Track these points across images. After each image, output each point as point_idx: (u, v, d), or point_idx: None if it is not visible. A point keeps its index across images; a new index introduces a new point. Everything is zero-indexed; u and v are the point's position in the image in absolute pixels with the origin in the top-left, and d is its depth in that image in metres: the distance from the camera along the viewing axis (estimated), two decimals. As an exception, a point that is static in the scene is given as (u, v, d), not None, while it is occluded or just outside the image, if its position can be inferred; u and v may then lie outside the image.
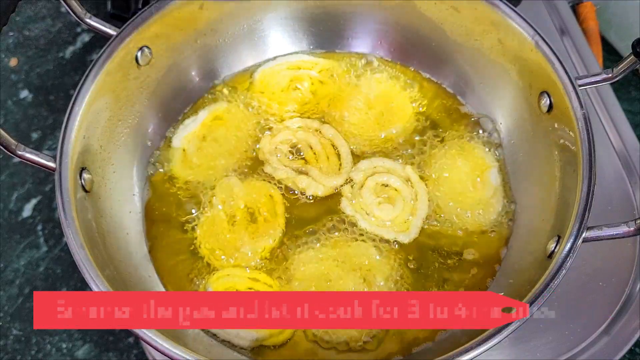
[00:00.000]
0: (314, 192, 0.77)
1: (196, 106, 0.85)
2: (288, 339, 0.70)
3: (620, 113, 0.90)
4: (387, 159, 0.79)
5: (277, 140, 0.81)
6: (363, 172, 0.78)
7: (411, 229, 0.75)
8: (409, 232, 0.75)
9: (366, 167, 0.79)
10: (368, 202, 0.76)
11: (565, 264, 0.59)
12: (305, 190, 0.77)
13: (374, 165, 0.79)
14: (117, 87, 0.73)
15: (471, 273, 0.74)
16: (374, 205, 0.76)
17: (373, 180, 0.77)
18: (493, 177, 0.78)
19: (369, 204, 0.76)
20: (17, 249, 0.89)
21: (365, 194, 0.76)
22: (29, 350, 0.82)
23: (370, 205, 0.76)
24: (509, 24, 0.72)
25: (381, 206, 0.76)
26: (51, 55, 1.05)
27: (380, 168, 0.78)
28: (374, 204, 0.76)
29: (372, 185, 0.77)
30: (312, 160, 0.80)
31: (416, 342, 0.70)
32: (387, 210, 0.76)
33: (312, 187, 0.77)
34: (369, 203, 0.76)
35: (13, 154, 0.62)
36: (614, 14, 1.04)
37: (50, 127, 0.98)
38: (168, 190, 0.79)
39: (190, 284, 0.73)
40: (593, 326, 0.75)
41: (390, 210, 0.76)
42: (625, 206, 0.83)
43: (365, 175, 0.78)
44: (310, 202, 0.78)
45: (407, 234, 0.75)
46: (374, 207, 0.76)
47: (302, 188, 0.78)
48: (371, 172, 0.78)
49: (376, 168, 0.78)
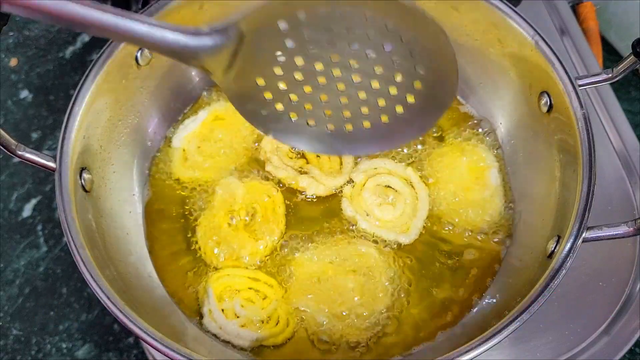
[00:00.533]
0: (315, 192, 0.77)
1: (196, 106, 0.85)
2: (288, 339, 0.70)
3: (620, 113, 0.90)
4: (388, 159, 0.79)
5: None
6: (364, 172, 0.78)
7: (411, 230, 0.75)
8: (409, 233, 0.75)
9: (367, 167, 0.79)
10: (368, 202, 0.76)
11: (565, 264, 0.59)
12: (307, 190, 0.77)
13: (374, 166, 0.79)
14: (117, 87, 0.72)
15: (471, 273, 0.74)
16: (374, 206, 0.76)
17: (374, 181, 0.77)
18: (493, 177, 0.78)
19: (369, 205, 0.76)
20: (17, 249, 0.89)
21: (365, 195, 0.76)
22: (29, 350, 0.82)
23: (370, 206, 0.76)
24: (509, 24, 0.72)
25: (382, 207, 0.76)
26: (51, 55, 1.05)
27: (382, 169, 0.78)
28: (374, 205, 0.76)
29: (373, 186, 0.77)
30: (313, 159, 0.80)
31: (416, 342, 0.70)
32: (387, 211, 0.76)
33: (313, 186, 0.77)
34: (370, 204, 0.76)
35: (13, 154, 0.62)
36: (614, 14, 1.04)
37: (50, 127, 0.98)
38: (168, 190, 0.79)
39: (190, 284, 0.73)
40: (593, 326, 0.75)
41: (390, 211, 0.76)
42: (625, 206, 0.83)
43: (366, 176, 0.78)
44: (310, 202, 0.78)
45: (408, 235, 0.75)
46: (374, 208, 0.76)
47: (303, 187, 0.78)
48: (372, 173, 0.78)
49: (377, 169, 0.78)
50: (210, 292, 0.70)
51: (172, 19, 0.75)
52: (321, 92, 0.56)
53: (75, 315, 0.84)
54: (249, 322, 0.69)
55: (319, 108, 0.57)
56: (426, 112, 0.57)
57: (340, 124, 0.58)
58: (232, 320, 0.69)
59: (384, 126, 0.58)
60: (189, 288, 0.73)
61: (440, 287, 0.73)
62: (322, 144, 0.60)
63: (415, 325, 0.71)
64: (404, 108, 0.56)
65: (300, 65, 0.54)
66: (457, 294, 0.73)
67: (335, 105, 0.57)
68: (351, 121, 0.58)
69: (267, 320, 0.69)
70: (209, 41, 0.50)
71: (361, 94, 0.56)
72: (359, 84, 0.55)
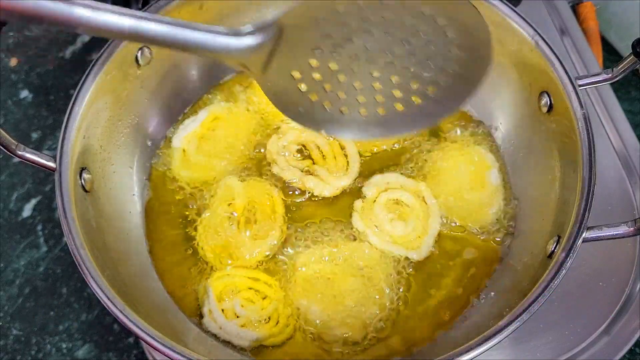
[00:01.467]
0: (321, 192, 0.77)
1: (196, 106, 0.85)
2: (288, 339, 0.70)
3: (620, 113, 0.90)
4: (401, 174, 0.78)
5: (284, 141, 0.81)
6: (376, 186, 0.77)
7: (422, 247, 0.74)
8: (420, 250, 0.74)
9: (379, 182, 0.77)
10: (380, 217, 0.75)
11: (565, 264, 0.59)
12: (313, 190, 0.77)
13: (387, 180, 0.77)
14: (117, 87, 0.72)
15: (471, 273, 0.74)
16: (385, 221, 0.75)
17: (385, 196, 0.76)
18: (493, 177, 0.78)
19: (380, 220, 0.75)
20: (17, 249, 0.89)
21: (377, 210, 0.75)
22: (29, 350, 0.82)
23: (381, 221, 0.75)
24: (509, 24, 0.72)
25: (393, 222, 0.75)
26: (51, 55, 1.05)
27: (394, 184, 0.77)
28: (385, 220, 0.75)
29: (384, 201, 0.76)
30: (320, 160, 0.80)
31: (416, 342, 0.70)
32: (398, 227, 0.75)
33: (319, 187, 0.77)
34: (381, 219, 0.75)
35: (13, 154, 0.62)
36: (614, 14, 1.04)
37: (50, 127, 0.98)
38: (168, 191, 0.79)
39: (190, 284, 0.73)
40: (593, 326, 0.75)
41: (401, 227, 0.75)
42: (625, 206, 0.83)
43: (379, 190, 0.77)
44: (311, 203, 0.78)
45: (418, 252, 0.74)
46: (385, 223, 0.75)
47: (309, 188, 0.77)
48: (384, 187, 0.77)
49: (389, 184, 0.77)
50: (210, 292, 0.70)
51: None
52: (355, 80, 0.57)
53: (75, 315, 0.84)
54: (249, 322, 0.69)
55: (353, 95, 0.58)
56: (459, 91, 0.57)
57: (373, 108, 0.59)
58: (232, 320, 0.69)
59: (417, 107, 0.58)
60: (189, 288, 0.73)
61: (440, 287, 0.73)
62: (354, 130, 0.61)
63: (415, 325, 0.71)
64: (437, 89, 0.57)
65: (336, 55, 0.55)
66: (457, 293, 0.73)
67: (369, 91, 0.58)
68: (384, 105, 0.58)
69: (267, 320, 0.69)
70: (250, 41, 0.52)
71: (394, 78, 0.56)
72: (392, 69, 0.56)
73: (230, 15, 0.82)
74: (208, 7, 0.78)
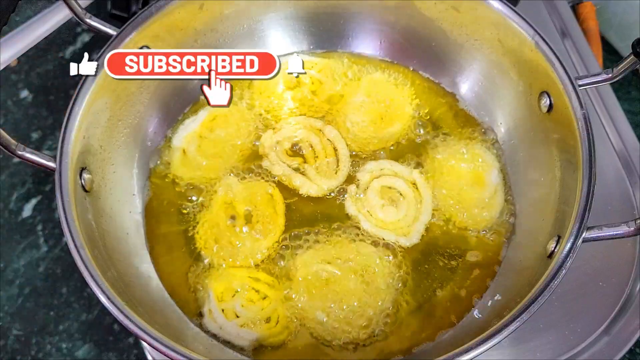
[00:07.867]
0: (307, 191, 0.77)
1: (196, 106, 0.85)
2: (288, 339, 0.70)
3: (620, 113, 0.90)
4: (395, 161, 0.79)
5: (279, 137, 0.81)
6: (370, 173, 0.78)
7: (412, 234, 0.75)
8: (410, 236, 0.75)
9: (373, 168, 0.78)
10: (372, 203, 0.76)
11: (565, 264, 0.59)
12: (299, 189, 0.78)
13: (381, 167, 0.78)
14: (117, 87, 0.72)
15: (472, 273, 0.74)
16: (377, 207, 0.76)
17: (379, 182, 0.77)
18: (493, 177, 0.78)
19: (372, 205, 0.76)
20: (17, 249, 0.89)
21: (370, 195, 0.76)
22: (29, 350, 0.82)
23: (374, 206, 0.76)
24: (509, 24, 0.72)
25: (384, 208, 0.76)
26: (51, 55, 1.05)
27: (387, 170, 0.78)
28: (377, 206, 0.76)
29: (378, 187, 0.77)
30: (311, 159, 0.80)
31: (416, 342, 0.70)
32: (390, 213, 0.75)
33: (306, 186, 0.77)
34: (373, 204, 0.76)
35: (13, 154, 0.62)
36: (614, 14, 1.04)
37: (50, 127, 0.98)
38: (168, 190, 0.79)
39: (190, 284, 0.73)
40: (593, 326, 0.75)
41: (393, 213, 0.76)
42: (625, 206, 0.83)
43: (372, 176, 0.78)
44: (311, 203, 0.78)
45: (409, 239, 0.75)
46: (377, 209, 0.76)
47: (295, 186, 0.78)
48: (378, 173, 0.78)
49: (383, 170, 0.78)
50: (211, 292, 0.70)
51: (172, 18, 0.75)
52: None
53: (75, 315, 0.84)
54: (249, 322, 0.69)
55: None
56: None
57: None
58: (232, 320, 0.69)
59: None
60: (189, 288, 0.73)
61: (439, 287, 0.73)
62: None
63: (416, 325, 0.71)
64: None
65: None
66: (457, 293, 0.73)
67: None
68: None
69: (267, 320, 0.69)
70: None
71: None
72: None
73: (231, 16, 0.82)
74: (208, 7, 0.78)
